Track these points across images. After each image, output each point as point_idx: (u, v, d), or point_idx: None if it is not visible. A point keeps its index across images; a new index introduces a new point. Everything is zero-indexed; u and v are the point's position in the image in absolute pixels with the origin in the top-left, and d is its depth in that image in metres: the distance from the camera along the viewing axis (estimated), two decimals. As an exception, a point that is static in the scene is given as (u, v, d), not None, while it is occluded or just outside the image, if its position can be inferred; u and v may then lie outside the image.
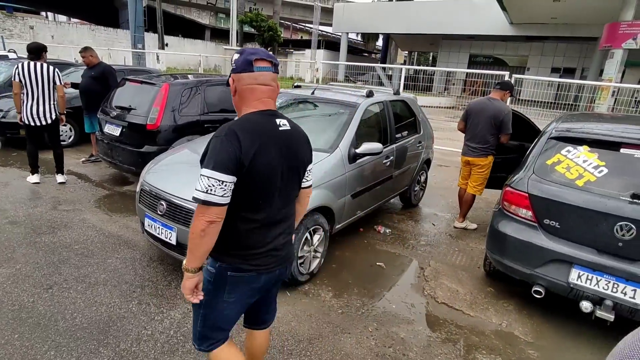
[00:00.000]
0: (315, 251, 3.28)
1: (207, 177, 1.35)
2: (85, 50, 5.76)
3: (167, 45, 26.12)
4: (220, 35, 38.88)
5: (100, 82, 5.63)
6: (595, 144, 2.84)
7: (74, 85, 5.92)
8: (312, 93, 4.16)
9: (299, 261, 3.06)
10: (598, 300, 2.60)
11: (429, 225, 4.66)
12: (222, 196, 1.37)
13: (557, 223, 2.76)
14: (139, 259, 3.36)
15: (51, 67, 4.68)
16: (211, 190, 1.35)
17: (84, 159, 6.17)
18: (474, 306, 3.08)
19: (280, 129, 1.51)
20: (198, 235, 1.39)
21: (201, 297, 1.53)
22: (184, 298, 2.85)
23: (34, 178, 4.94)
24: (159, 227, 2.94)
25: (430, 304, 3.07)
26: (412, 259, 3.82)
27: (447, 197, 5.73)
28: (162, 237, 2.92)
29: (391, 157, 4.10)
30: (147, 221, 3.06)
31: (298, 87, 4.66)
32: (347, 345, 2.52)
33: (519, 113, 4.67)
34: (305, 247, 3.11)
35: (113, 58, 16.25)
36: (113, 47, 21.93)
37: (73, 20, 35.92)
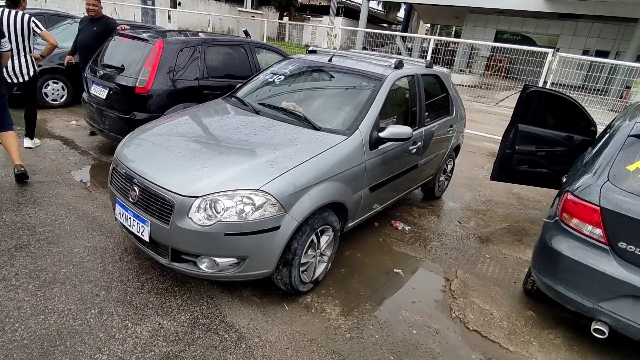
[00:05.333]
0: (322, 255, 2.70)
1: None
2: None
3: (179, 4, 24.95)
4: (236, -3, 37.24)
5: (104, 37, 4.89)
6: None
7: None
8: (329, 60, 3.46)
9: (302, 269, 2.49)
10: (686, 353, 2.00)
11: (454, 224, 4.04)
12: None
13: (638, 249, 2.13)
14: (111, 249, 2.82)
15: (26, 16, 4.01)
16: None
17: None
18: (513, 337, 2.50)
19: None
20: None
21: None
22: (156, 307, 2.31)
23: None
24: (130, 218, 2.37)
25: (459, 331, 2.50)
26: (435, 265, 3.23)
27: (473, 189, 5.08)
28: (134, 230, 2.35)
29: (419, 143, 3.44)
30: (117, 208, 2.49)
31: (313, 52, 3.95)
32: (355, 388, 1.98)
33: (571, 98, 3.93)
34: (309, 252, 2.53)
35: (120, 14, 15.36)
36: (125, 3, 20.91)
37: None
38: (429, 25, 39.15)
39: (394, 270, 3.07)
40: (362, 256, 3.21)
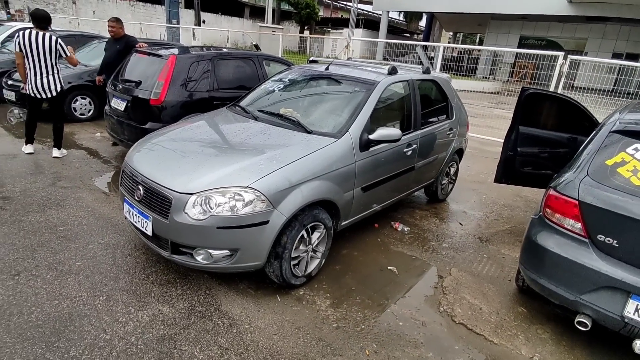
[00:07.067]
0: (315, 251, 2.85)
1: None
2: (117, 21, 5.55)
3: (204, 22, 26.01)
4: (260, 14, 38.36)
5: (125, 54, 5.33)
6: (675, 140, 2.19)
7: None
8: (326, 69, 3.65)
9: (293, 262, 2.64)
10: (663, 343, 2.01)
11: (455, 225, 4.10)
12: None
13: (615, 241, 2.17)
14: (122, 245, 3.07)
15: (54, 37, 4.43)
16: None
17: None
18: (499, 331, 2.55)
19: None
20: None
21: None
22: (158, 295, 2.52)
23: (28, 148, 4.85)
24: (136, 215, 2.60)
25: (446, 324, 2.57)
26: (430, 264, 3.31)
27: (480, 193, 5.09)
28: (139, 225, 2.58)
29: (414, 146, 3.55)
30: (125, 206, 2.73)
31: (314, 62, 4.16)
32: (335, 372, 2.10)
33: (573, 100, 3.95)
34: (301, 247, 2.68)
35: (147, 33, 16.23)
36: (151, 22, 22.02)
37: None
38: (451, 33, 38.98)
39: (388, 267, 3.17)
40: (358, 254, 3.33)
